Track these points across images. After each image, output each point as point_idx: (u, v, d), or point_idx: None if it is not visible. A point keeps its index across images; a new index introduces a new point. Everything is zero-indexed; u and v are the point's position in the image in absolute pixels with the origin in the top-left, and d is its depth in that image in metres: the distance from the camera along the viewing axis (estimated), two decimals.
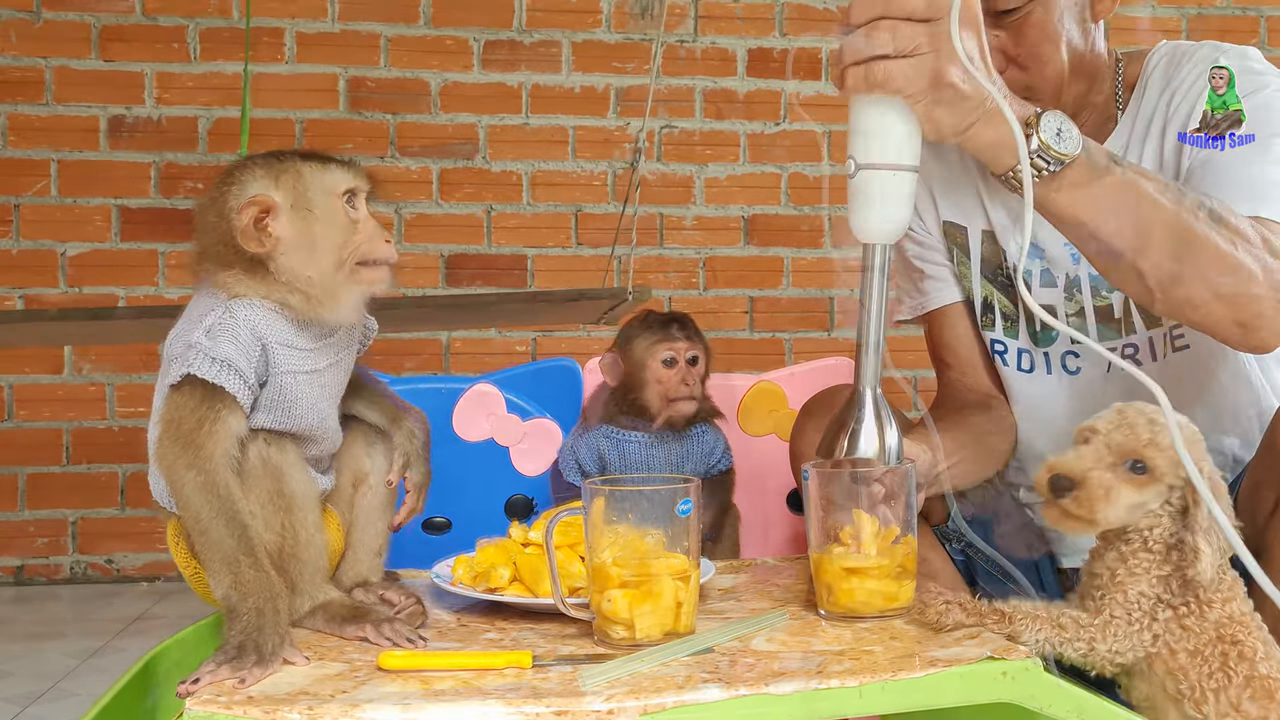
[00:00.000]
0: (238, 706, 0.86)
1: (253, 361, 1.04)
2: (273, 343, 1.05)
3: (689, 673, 0.93)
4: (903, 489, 1.11)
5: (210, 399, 1.02)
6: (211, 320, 1.03)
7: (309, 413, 1.09)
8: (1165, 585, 1.05)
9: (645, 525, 1.02)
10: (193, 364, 1.02)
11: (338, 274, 1.06)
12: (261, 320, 1.05)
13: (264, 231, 1.04)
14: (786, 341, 3.76)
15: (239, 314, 1.04)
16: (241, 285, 1.05)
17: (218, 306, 1.05)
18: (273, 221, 1.04)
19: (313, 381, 1.09)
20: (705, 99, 3.72)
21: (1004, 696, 0.94)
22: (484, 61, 3.62)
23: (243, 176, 1.06)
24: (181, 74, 3.49)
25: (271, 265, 1.05)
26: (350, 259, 1.06)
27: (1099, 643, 1.03)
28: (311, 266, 1.05)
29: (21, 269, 3.43)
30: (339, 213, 1.06)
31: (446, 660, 0.97)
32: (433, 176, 3.59)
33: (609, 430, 1.45)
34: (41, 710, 2.25)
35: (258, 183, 1.05)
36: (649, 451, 1.43)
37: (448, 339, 3.59)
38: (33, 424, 3.44)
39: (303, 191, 1.05)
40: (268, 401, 1.07)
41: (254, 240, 1.03)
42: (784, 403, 1.87)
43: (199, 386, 1.02)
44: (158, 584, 3.39)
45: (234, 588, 0.99)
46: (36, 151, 3.44)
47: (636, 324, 1.46)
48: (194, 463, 1.01)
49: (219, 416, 1.02)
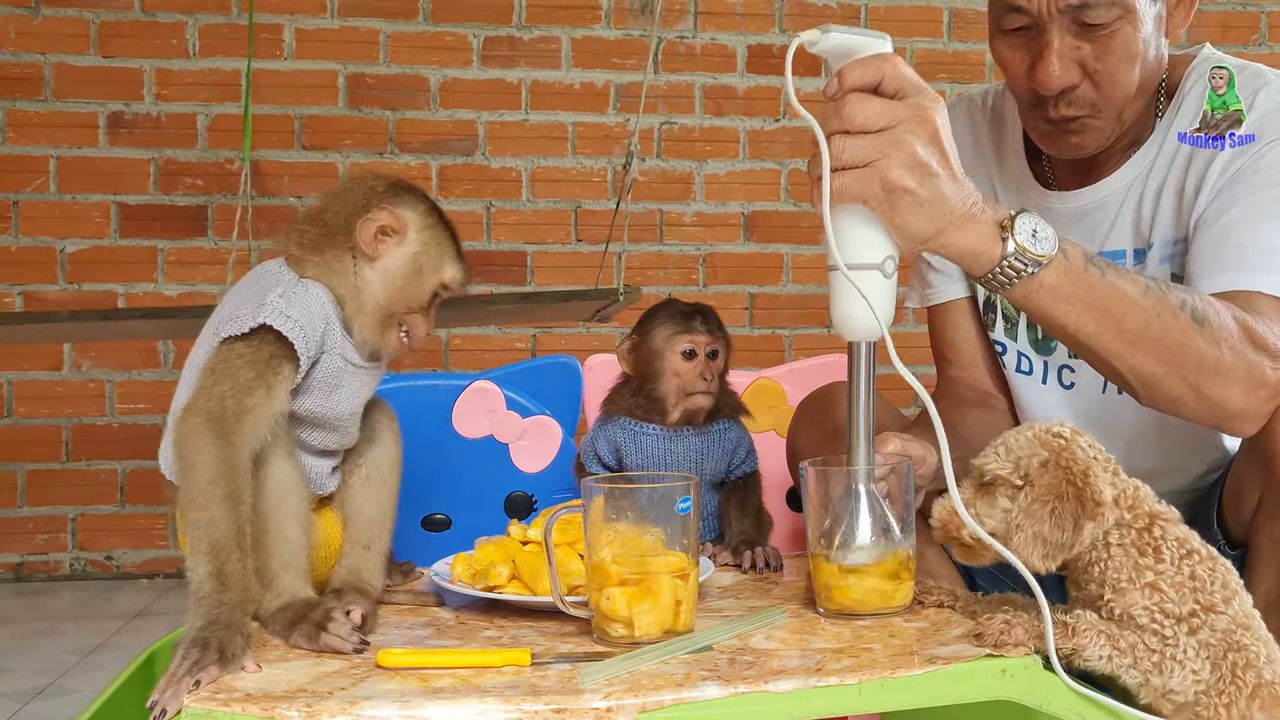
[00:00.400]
0: (235, 704, 0.86)
1: (316, 336, 1.09)
2: (335, 323, 1.11)
3: (688, 671, 0.93)
4: (902, 489, 1.11)
5: (263, 365, 1.04)
6: (285, 288, 1.09)
7: (347, 402, 1.14)
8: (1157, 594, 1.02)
9: (645, 523, 1.02)
10: (269, 316, 1.05)
11: (387, 319, 1.14)
12: (328, 301, 1.12)
13: (379, 243, 1.13)
14: (786, 338, 3.76)
15: (311, 289, 1.11)
16: (317, 269, 1.13)
17: (285, 280, 1.11)
18: (392, 244, 1.13)
19: (356, 375, 1.15)
20: (705, 95, 3.72)
21: (1003, 694, 0.94)
22: (483, 58, 3.62)
23: (404, 197, 1.16)
24: (181, 70, 3.48)
25: (358, 268, 1.13)
26: (399, 317, 1.15)
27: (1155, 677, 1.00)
28: (382, 297, 1.14)
29: (21, 266, 3.43)
30: (429, 290, 1.16)
31: (445, 658, 0.97)
32: (432, 173, 3.58)
33: (626, 422, 1.40)
34: (41, 707, 2.25)
35: (410, 212, 1.15)
36: (667, 445, 1.39)
37: (447, 336, 3.60)
38: (32, 421, 3.45)
39: (430, 255, 1.15)
40: (314, 383, 1.11)
41: (369, 240, 1.12)
42: (783, 399, 1.86)
43: (255, 346, 1.05)
44: (157, 580, 3.39)
45: (212, 577, 0.97)
46: (35, 148, 3.44)
47: (660, 312, 1.43)
48: (223, 432, 1.01)
49: (270, 389, 1.04)
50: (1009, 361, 1.54)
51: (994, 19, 1.34)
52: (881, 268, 1.05)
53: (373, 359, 1.17)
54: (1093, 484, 1.01)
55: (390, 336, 1.15)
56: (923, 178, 1.02)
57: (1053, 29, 1.29)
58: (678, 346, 1.38)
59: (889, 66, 1.03)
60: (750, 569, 1.31)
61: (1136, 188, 1.41)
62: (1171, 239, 1.39)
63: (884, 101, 1.02)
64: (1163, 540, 1.02)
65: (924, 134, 1.02)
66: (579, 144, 3.66)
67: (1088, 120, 1.35)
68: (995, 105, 1.56)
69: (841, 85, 1.03)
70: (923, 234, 1.05)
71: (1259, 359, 1.18)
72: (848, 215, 1.04)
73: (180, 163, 3.49)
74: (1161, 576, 1.01)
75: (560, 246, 3.66)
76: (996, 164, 1.53)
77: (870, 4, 3.76)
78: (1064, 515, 1.01)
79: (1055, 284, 1.10)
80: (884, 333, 1.06)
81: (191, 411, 1.02)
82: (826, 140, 1.02)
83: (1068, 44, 1.29)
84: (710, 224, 3.73)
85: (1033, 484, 1.03)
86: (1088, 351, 1.17)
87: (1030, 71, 1.32)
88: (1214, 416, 1.20)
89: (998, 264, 1.08)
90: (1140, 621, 1.00)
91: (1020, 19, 1.30)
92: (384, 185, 1.16)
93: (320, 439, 1.14)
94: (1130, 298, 1.13)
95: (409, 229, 1.14)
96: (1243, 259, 1.27)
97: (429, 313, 1.17)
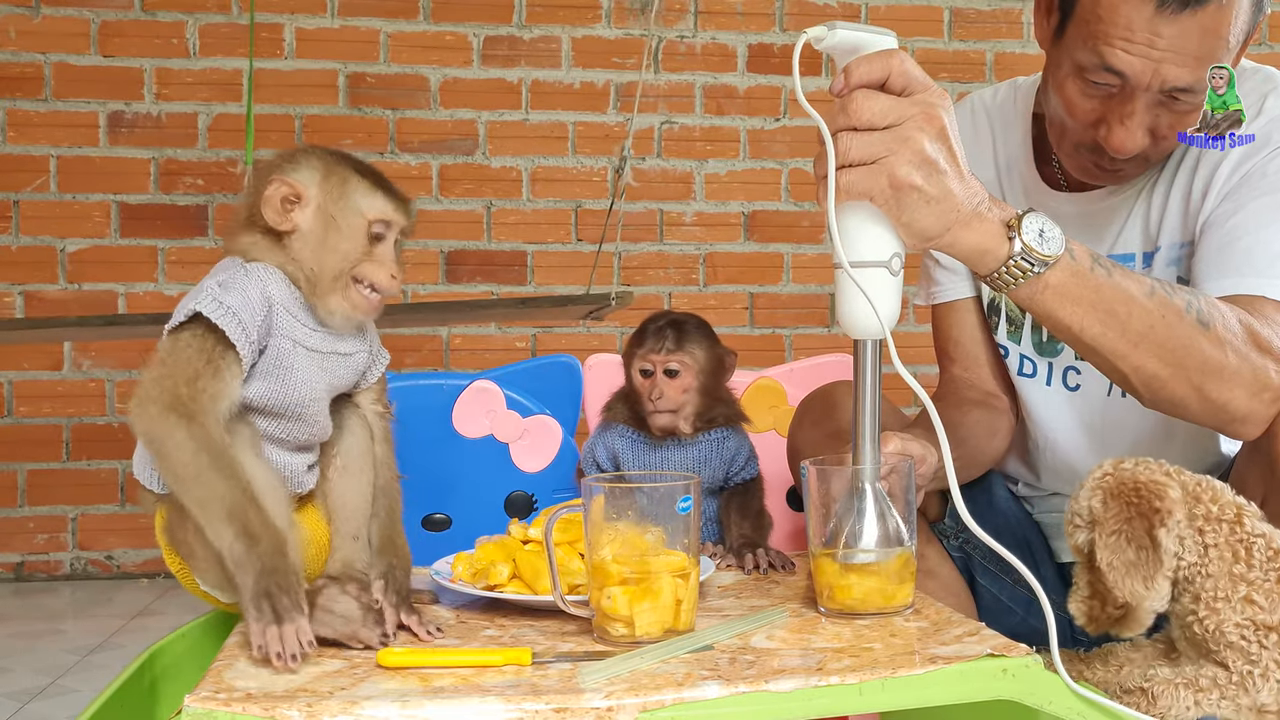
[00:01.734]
0: (236, 704, 0.86)
1: (257, 321, 1.06)
2: (279, 306, 1.09)
3: (688, 670, 0.93)
4: (903, 488, 1.11)
5: (209, 350, 1.03)
6: (225, 276, 1.07)
7: (302, 386, 1.10)
8: (1249, 607, 1.01)
9: (645, 522, 1.02)
10: (202, 304, 1.04)
11: (334, 282, 1.10)
12: (273, 283, 1.09)
13: (286, 214, 1.10)
14: (786, 338, 3.76)
15: (253, 273, 1.08)
16: (259, 250, 1.11)
17: (230, 267, 1.09)
18: (298, 210, 1.10)
19: (312, 359, 1.11)
20: (705, 94, 3.72)
21: (1004, 694, 0.94)
22: (484, 57, 3.61)
23: (299, 160, 1.13)
24: (181, 70, 3.48)
25: (286, 243, 1.11)
26: (346, 273, 1.11)
27: (1242, 696, 1.00)
28: (315, 263, 1.10)
29: (21, 265, 3.42)
30: (359, 233, 1.11)
31: (446, 657, 0.97)
32: (432, 172, 3.58)
33: (623, 429, 1.42)
34: (41, 706, 2.25)
35: (305, 172, 1.11)
36: (663, 454, 1.40)
37: (447, 335, 3.59)
38: (32, 420, 3.44)
39: (337, 200, 1.11)
40: (265, 367, 1.08)
41: (275, 214, 1.09)
42: (784, 399, 1.86)
43: (199, 334, 1.03)
44: (158, 580, 3.39)
45: (240, 537, 0.97)
46: (36, 148, 3.43)
47: (643, 325, 1.44)
48: (186, 412, 0.99)
49: (217, 371, 1.02)
50: (1012, 364, 1.54)
51: (1074, 62, 1.30)
52: (888, 265, 1.05)
53: (353, 326, 1.13)
54: (1149, 490, 1.01)
55: (351, 295, 1.11)
56: (930, 175, 1.01)
57: (1142, 98, 1.27)
58: (635, 365, 1.40)
59: (896, 63, 1.02)
60: (754, 570, 1.31)
61: (1146, 191, 1.41)
62: (1179, 242, 1.39)
63: (891, 98, 1.02)
64: (1252, 538, 1.02)
65: (932, 130, 1.01)
66: (579, 143, 3.66)
67: (1135, 167, 1.36)
68: (1004, 105, 1.55)
69: (848, 81, 1.02)
70: (930, 231, 1.04)
71: (1263, 362, 1.18)
72: (854, 212, 1.04)
73: (181, 162, 3.49)
74: (1255, 587, 1.01)
75: (560, 246, 3.65)
76: (1004, 165, 1.53)
77: (871, 3, 3.76)
78: (1137, 532, 1.01)
79: (1061, 284, 1.10)
80: (886, 334, 1.06)
81: (146, 402, 1.01)
82: (833, 137, 1.02)
83: (1150, 113, 1.28)
84: (710, 224, 3.73)
85: (1101, 522, 1.03)
86: (1092, 352, 1.16)
87: (1099, 125, 1.30)
88: (1218, 419, 1.20)
89: (1004, 263, 1.07)
90: (1230, 639, 1.00)
91: (1112, 79, 1.27)
92: (278, 158, 1.13)
93: (286, 430, 1.11)
94: (1136, 299, 1.13)
95: (308, 187, 1.10)
96: (1248, 263, 1.27)
97: (380, 255, 1.11)
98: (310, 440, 1.15)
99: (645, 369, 1.39)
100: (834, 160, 1.02)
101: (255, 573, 0.96)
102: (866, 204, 1.03)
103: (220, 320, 1.03)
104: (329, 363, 1.13)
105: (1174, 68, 1.23)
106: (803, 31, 1.02)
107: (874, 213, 1.04)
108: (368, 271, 1.11)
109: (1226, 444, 1.46)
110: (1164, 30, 1.21)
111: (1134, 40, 1.23)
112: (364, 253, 1.11)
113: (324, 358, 1.12)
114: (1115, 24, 1.23)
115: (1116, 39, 1.24)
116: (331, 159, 1.13)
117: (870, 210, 1.04)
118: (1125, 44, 1.23)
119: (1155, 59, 1.23)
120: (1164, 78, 1.24)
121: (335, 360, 1.13)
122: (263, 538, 0.98)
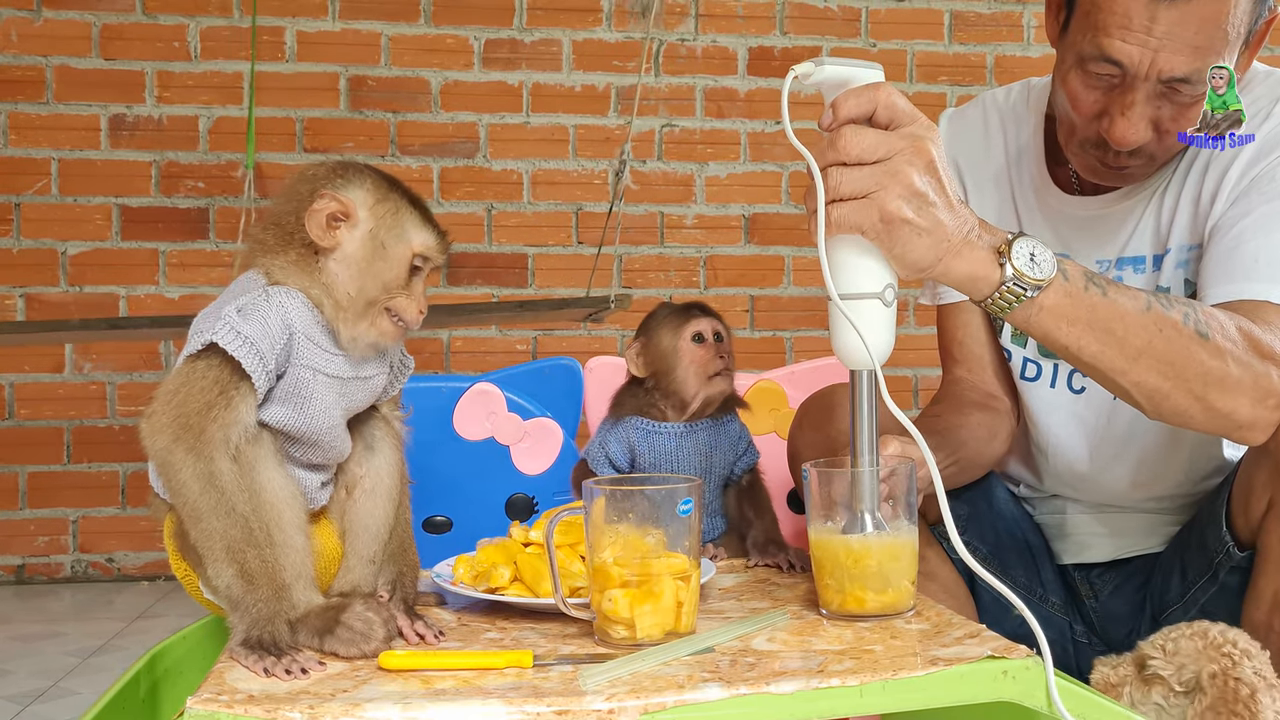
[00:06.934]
0: (239, 706, 0.86)
1: (276, 350, 1.04)
2: (300, 333, 1.06)
3: (690, 672, 0.93)
4: (903, 490, 1.11)
5: (225, 381, 1.01)
6: (245, 301, 1.04)
7: (322, 415, 1.08)
8: None
9: (646, 525, 1.02)
10: (219, 334, 1.01)
11: (368, 308, 1.08)
12: (294, 309, 1.06)
13: (331, 230, 1.06)
14: (787, 340, 3.76)
15: (274, 299, 1.05)
16: (285, 273, 1.07)
17: (255, 289, 1.06)
18: (345, 229, 1.07)
19: (331, 386, 1.09)
20: (706, 98, 3.72)
21: (1005, 695, 0.94)
22: (484, 60, 3.62)
23: (350, 177, 1.09)
24: (182, 73, 3.49)
25: (322, 263, 1.07)
26: (382, 303, 1.08)
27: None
28: (352, 286, 1.07)
29: (22, 268, 3.43)
30: (403, 264, 1.09)
31: (447, 660, 0.97)
32: (433, 175, 3.59)
33: (640, 422, 1.43)
34: (42, 709, 2.25)
35: (357, 191, 1.08)
36: (680, 442, 1.42)
37: (448, 338, 3.60)
38: (34, 423, 3.45)
39: (390, 227, 1.08)
40: (283, 393, 1.06)
41: (319, 230, 1.06)
42: (784, 401, 1.87)
43: (216, 364, 1.02)
44: (158, 583, 3.40)
45: (239, 579, 0.98)
46: (37, 150, 3.44)
47: (658, 312, 1.46)
48: (194, 447, 0.99)
49: (230, 402, 1.01)
50: (1016, 367, 1.54)
51: (1076, 53, 1.31)
52: (881, 296, 1.06)
53: (374, 353, 1.12)
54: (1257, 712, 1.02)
55: (381, 324, 1.09)
56: (921, 207, 1.02)
57: (1141, 88, 1.27)
58: (686, 334, 1.41)
59: (882, 96, 1.03)
60: (789, 569, 1.32)
61: (1157, 194, 1.41)
62: (1188, 244, 1.39)
63: (879, 133, 1.03)
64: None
65: (920, 164, 1.02)
66: (580, 146, 3.66)
67: (1141, 166, 1.36)
68: (1016, 104, 1.55)
69: (836, 117, 1.04)
70: (922, 263, 1.05)
71: (1265, 368, 1.18)
72: (846, 244, 1.05)
73: (182, 165, 3.50)
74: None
75: (561, 249, 3.66)
76: (1014, 161, 1.53)
77: (871, 7, 3.76)
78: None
79: (1055, 306, 1.10)
80: (875, 366, 1.06)
81: (156, 431, 1.01)
82: (823, 172, 1.03)
83: (1151, 104, 1.28)
84: (711, 226, 3.73)
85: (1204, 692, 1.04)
86: (1092, 370, 1.17)
87: (1102, 117, 1.31)
88: (1223, 427, 1.21)
89: (996, 288, 1.08)
90: None
91: (1112, 70, 1.27)
92: (325, 170, 1.10)
93: (302, 453, 1.10)
94: (1132, 315, 1.13)
95: (358, 208, 1.07)
96: (1254, 268, 1.27)
97: (414, 289, 1.10)
98: (325, 461, 1.13)
99: (697, 335, 1.41)
100: (824, 196, 1.02)
101: (249, 621, 0.97)
102: (850, 239, 1.04)
103: (237, 352, 1.01)
104: (349, 388, 1.11)
105: (1171, 55, 1.24)
106: (790, 69, 1.03)
107: (867, 244, 1.05)
108: (400, 305, 1.09)
109: (1231, 448, 1.46)
110: (1161, 17, 1.23)
111: (1131, 28, 1.24)
112: (402, 285, 1.09)
113: (344, 383, 1.10)
114: (1114, 13, 1.25)
115: (1115, 28, 1.25)
116: (385, 183, 1.10)
117: (863, 242, 1.04)
118: (1123, 32, 1.24)
119: (1152, 47, 1.24)
120: (1161, 66, 1.24)
121: (355, 385, 1.12)
122: (261, 581, 0.99)
